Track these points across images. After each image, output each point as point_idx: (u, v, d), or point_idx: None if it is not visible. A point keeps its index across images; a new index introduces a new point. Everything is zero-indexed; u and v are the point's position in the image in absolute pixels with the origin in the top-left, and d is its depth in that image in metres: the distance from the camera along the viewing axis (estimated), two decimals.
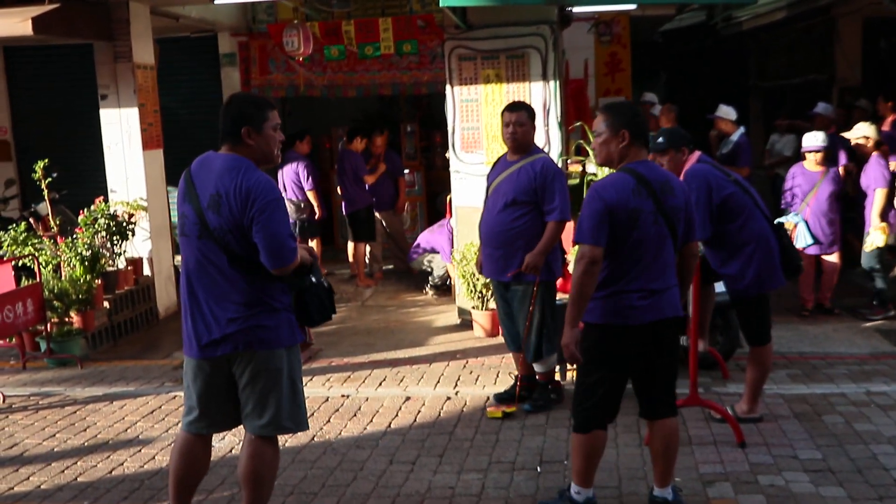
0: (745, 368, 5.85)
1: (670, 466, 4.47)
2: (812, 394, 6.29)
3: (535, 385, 6.28)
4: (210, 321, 3.97)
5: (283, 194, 9.85)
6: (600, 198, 4.16)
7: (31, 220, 9.10)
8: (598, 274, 4.16)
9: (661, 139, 5.73)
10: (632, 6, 9.72)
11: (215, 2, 9.12)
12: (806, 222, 8.14)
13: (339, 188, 10.95)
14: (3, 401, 6.84)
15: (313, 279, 4.12)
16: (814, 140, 8.29)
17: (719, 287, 6.00)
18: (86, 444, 5.91)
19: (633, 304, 4.20)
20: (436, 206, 12.53)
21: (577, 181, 7.73)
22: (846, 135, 8.80)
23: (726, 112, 9.63)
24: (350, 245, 10.91)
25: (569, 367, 6.67)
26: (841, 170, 8.80)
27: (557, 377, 6.40)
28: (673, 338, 4.39)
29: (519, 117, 5.98)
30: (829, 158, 8.45)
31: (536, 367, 6.19)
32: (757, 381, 5.71)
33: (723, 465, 5.13)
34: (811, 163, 8.31)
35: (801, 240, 8.14)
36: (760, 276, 5.51)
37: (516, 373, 6.37)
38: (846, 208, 8.68)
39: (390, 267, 11.51)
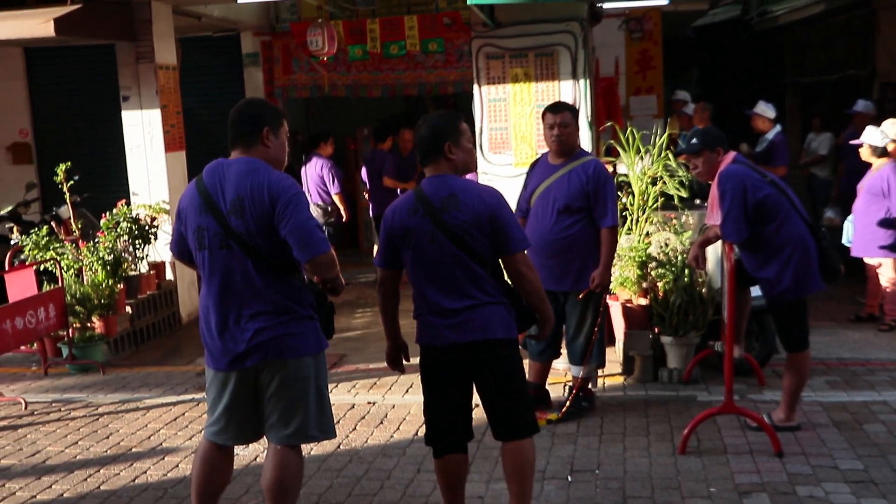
0: (782, 375, 5.74)
1: (524, 489, 4.24)
2: (852, 402, 6.15)
3: (542, 394, 6.20)
4: (237, 334, 3.92)
5: (308, 198, 9.76)
6: (385, 220, 4.24)
7: (53, 223, 9.07)
8: (388, 294, 4.32)
9: (694, 140, 5.61)
10: (664, 1, 9.55)
11: (238, 0, 9.03)
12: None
13: (365, 190, 10.81)
14: (25, 407, 6.80)
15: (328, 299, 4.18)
16: (863, 135, 8.13)
17: (755, 291, 5.86)
18: (108, 451, 5.87)
19: (434, 323, 4.13)
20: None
21: None
22: None
23: (763, 109, 9.42)
24: (376, 248, 10.71)
25: (599, 373, 6.54)
26: None
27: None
28: (495, 361, 4.15)
29: (563, 118, 5.81)
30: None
31: (575, 371, 6.07)
32: (794, 388, 5.59)
33: (759, 474, 5.02)
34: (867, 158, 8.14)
35: (845, 236, 8.12)
36: (798, 280, 5.39)
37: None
38: None
39: None
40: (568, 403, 5.99)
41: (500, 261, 4.16)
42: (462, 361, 4.15)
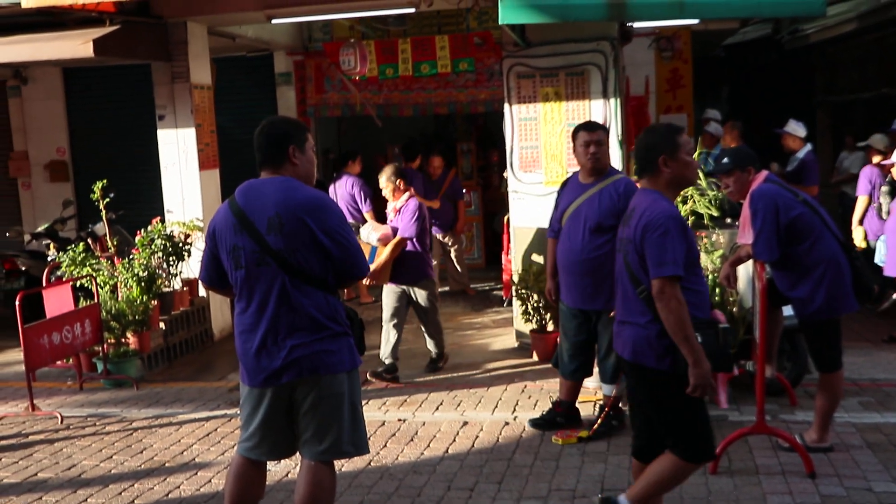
0: (814, 395, 5.68)
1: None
2: (886, 423, 6.07)
3: (572, 412, 6.21)
4: (274, 350, 3.96)
5: None
6: None
7: (89, 240, 9.18)
8: None
9: (725, 159, 5.58)
10: (694, 21, 9.55)
11: (272, 21, 9.16)
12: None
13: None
14: (61, 421, 6.88)
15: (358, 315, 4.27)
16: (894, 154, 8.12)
17: (787, 310, 5.82)
18: (142, 466, 5.92)
19: None
20: (492, 227, 12.43)
21: None
22: None
23: (794, 128, 9.37)
24: None
25: None
26: None
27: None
28: (636, 382, 4.19)
29: (598, 136, 5.85)
30: None
31: (606, 390, 6.07)
32: (827, 408, 5.53)
33: (791, 496, 4.97)
34: None
35: (878, 256, 8.09)
36: (831, 300, 5.34)
37: (556, 398, 6.33)
38: None
39: (446, 289, 11.35)
40: (599, 422, 5.98)
41: None
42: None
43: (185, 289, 9.09)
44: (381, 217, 11.07)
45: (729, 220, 7.49)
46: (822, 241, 5.36)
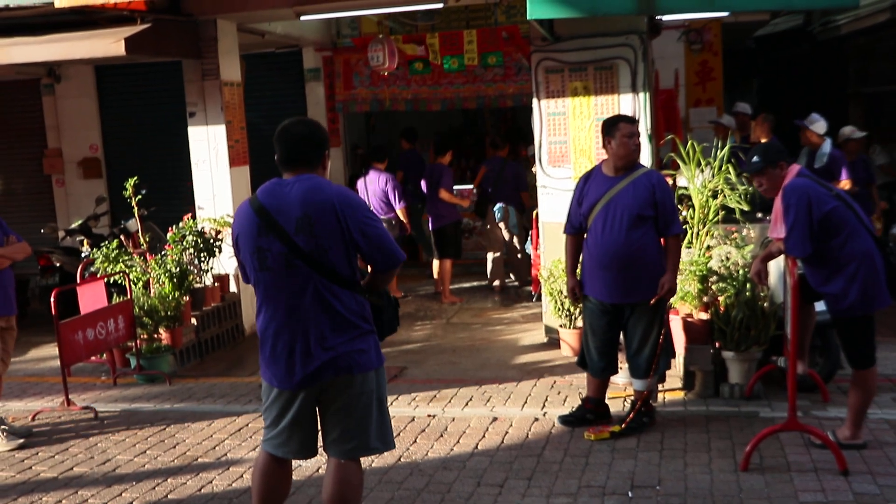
0: (847, 392, 5.64)
1: None
2: None
3: (602, 408, 6.20)
4: (307, 353, 3.95)
5: None
6: None
7: (121, 236, 9.26)
8: None
9: (756, 157, 5.52)
10: (724, 13, 9.45)
11: (301, 17, 9.19)
12: None
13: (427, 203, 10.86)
14: (96, 416, 6.96)
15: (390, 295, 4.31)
16: None
17: (819, 305, 5.77)
18: (175, 461, 5.98)
19: None
20: (521, 222, 12.40)
21: None
22: None
23: (816, 123, 9.21)
24: (435, 262, 10.79)
25: (660, 387, 6.49)
26: None
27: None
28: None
29: (636, 129, 5.86)
30: None
31: (637, 385, 6.03)
32: (860, 405, 5.48)
33: (824, 493, 4.93)
34: None
35: None
36: (865, 295, 5.29)
37: (584, 395, 6.33)
38: None
39: (485, 280, 11.33)
40: (630, 418, 5.96)
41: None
42: None
43: (216, 285, 9.16)
44: (414, 212, 11.12)
45: (760, 215, 7.43)
46: (856, 236, 5.31)
